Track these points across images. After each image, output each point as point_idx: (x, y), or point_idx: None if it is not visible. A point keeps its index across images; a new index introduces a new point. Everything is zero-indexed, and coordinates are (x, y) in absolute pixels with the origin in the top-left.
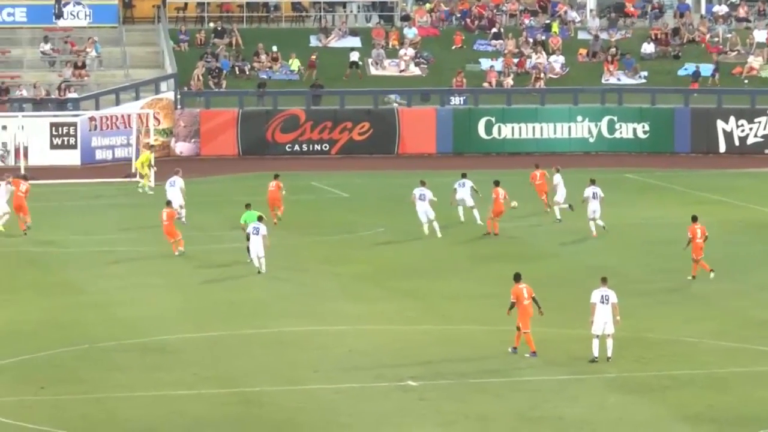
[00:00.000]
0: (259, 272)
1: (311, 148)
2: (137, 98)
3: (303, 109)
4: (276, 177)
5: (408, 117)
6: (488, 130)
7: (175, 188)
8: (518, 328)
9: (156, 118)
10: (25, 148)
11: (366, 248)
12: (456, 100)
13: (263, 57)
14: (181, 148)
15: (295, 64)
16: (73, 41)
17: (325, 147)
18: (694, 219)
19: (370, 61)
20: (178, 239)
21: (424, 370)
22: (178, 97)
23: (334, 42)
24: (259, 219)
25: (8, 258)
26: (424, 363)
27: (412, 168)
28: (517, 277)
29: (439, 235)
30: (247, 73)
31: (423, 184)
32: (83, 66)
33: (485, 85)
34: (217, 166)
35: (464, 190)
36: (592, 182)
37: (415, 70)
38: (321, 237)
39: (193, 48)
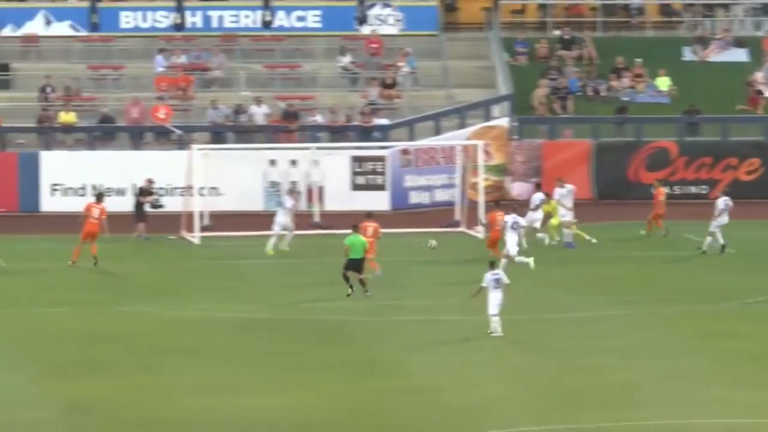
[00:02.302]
0: (490, 334)
1: (685, 191)
2: (462, 126)
3: (675, 140)
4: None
5: None
6: None
7: None
8: None
9: (486, 152)
10: (320, 189)
11: (755, 320)
12: None
13: (623, 74)
14: (519, 189)
15: (664, 82)
16: (380, 53)
17: (703, 189)
18: None
19: (759, 77)
20: None
21: None
22: (515, 124)
23: (714, 55)
24: None
25: (304, 328)
26: None
27: None
28: None
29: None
30: (603, 94)
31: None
32: (393, 85)
33: None
34: None
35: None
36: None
37: None
38: (697, 305)
39: (534, 62)
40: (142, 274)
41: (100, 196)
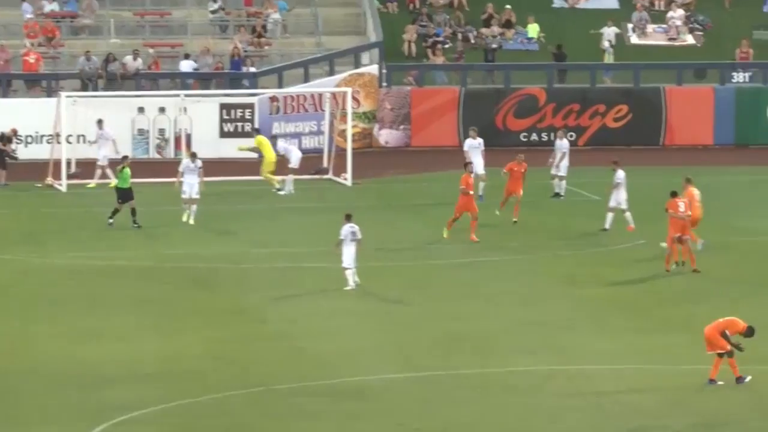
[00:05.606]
0: (345, 288)
1: (553, 137)
2: (331, 73)
3: (543, 87)
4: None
5: (678, 98)
6: None
7: None
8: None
9: (355, 99)
10: (188, 136)
11: (622, 266)
12: (740, 77)
13: (493, 21)
14: (387, 137)
15: (533, 30)
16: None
17: (571, 136)
18: None
19: (629, 26)
20: None
21: (697, 422)
22: (384, 71)
23: (584, 2)
24: None
25: (169, 276)
26: (696, 414)
27: (681, 163)
28: None
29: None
30: (472, 41)
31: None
32: (263, 32)
33: None
34: (431, 160)
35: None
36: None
37: (687, 39)
38: (564, 251)
39: (404, 10)
40: (7, 222)
41: None
